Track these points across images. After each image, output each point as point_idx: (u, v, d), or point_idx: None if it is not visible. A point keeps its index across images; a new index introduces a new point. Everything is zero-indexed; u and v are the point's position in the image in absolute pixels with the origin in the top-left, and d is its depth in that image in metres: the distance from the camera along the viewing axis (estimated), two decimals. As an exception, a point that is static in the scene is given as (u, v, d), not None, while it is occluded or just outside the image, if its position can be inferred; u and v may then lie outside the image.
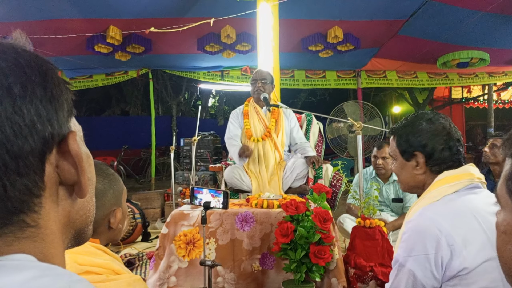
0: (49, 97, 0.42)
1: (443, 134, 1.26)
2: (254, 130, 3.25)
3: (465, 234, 1.08)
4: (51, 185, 0.43)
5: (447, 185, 1.20)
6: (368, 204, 2.29)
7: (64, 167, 0.43)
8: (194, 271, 2.34)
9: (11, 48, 0.42)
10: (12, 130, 0.38)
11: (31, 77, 0.41)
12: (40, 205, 0.41)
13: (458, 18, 4.78)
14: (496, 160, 2.94)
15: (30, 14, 4.26)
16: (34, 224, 0.41)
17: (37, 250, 0.41)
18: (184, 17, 4.51)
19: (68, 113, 0.46)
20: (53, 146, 0.42)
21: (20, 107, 0.39)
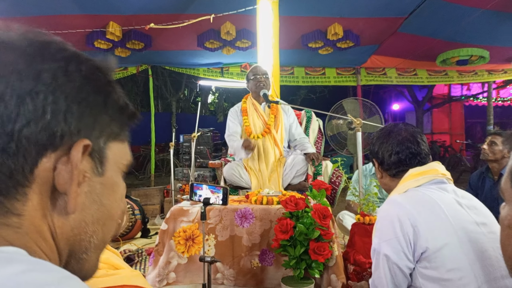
0: (80, 99, 0.41)
1: (392, 142, 1.40)
2: (254, 127, 3.25)
3: (427, 217, 1.18)
4: (42, 182, 0.40)
5: (412, 180, 1.31)
6: (368, 201, 2.30)
7: (61, 172, 0.41)
8: (193, 267, 2.34)
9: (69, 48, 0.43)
10: (17, 107, 0.37)
11: (71, 75, 0.41)
12: (25, 196, 0.39)
13: (458, 16, 4.77)
14: (494, 158, 2.94)
15: (29, 9, 4.25)
16: (17, 213, 0.39)
17: (20, 242, 0.39)
18: (184, 13, 4.50)
19: (104, 130, 0.44)
20: (60, 146, 0.40)
21: (37, 91, 0.39)
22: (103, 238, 0.48)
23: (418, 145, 1.39)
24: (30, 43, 0.41)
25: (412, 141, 1.39)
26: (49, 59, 0.41)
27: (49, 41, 0.43)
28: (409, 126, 1.46)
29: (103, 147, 0.45)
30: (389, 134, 1.43)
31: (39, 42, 0.42)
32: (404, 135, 1.41)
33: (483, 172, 3.14)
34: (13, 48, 0.40)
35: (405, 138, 1.40)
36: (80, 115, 0.41)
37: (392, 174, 1.41)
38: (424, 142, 1.41)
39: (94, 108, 0.43)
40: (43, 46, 0.42)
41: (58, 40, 0.44)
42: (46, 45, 0.42)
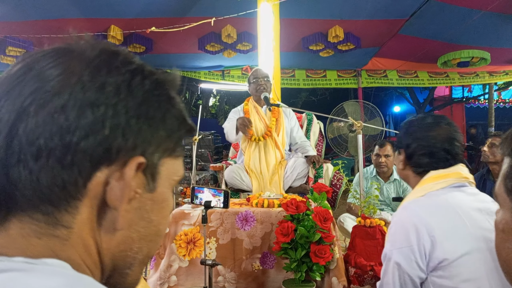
0: (139, 113, 0.40)
1: (429, 140, 1.29)
2: (255, 129, 3.25)
3: (446, 226, 1.12)
4: (93, 196, 0.40)
5: (433, 183, 1.24)
6: (369, 204, 2.30)
7: (113, 188, 0.40)
8: (194, 270, 2.34)
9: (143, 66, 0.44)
10: (77, 119, 0.37)
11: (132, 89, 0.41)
12: (76, 209, 0.39)
13: (458, 17, 4.78)
14: (495, 160, 2.94)
15: (31, 13, 4.27)
16: (66, 225, 0.39)
17: (66, 255, 0.38)
18: (185, 16, 4.52)
19: (161, 146, 0.43)
20: (114, 161, 0.39)
21: (99, 104, 0.38)
22: (148, 254, 0.47)
23: (456, 148, 1.29)
24: (97, 54, 0.41)
25: (452, 143, 1.29)
26: (114, 71, 0.40)
27: (116, 52, 0.43)
28: (451, 124, 1.34)
29: (157, 163, 0.43)
30: (429, 129, 1.31)
31: (106, 54, 0.42)
32: (445, 135, 1.29)
33: (484, 174, 3.14)
34: (81, 59, 0.40)
35: (445, 138, 1.29)
36: (138, 131, 0.40)
37: (418, 172, 1.32)
38: (461, 144, 1.32)
39: (152, 124, 0.42)
40: (110, 58, 0.41)
41: (125, 52, 0.44)
42: (113, 56, 0.42)
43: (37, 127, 0.36)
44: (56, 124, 0.36)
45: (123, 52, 0.44)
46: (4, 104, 0.37)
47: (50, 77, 0.38)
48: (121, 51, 0.43)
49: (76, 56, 0.40)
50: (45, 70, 0.38)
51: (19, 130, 0.36)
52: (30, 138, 0.36)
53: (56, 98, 0.37)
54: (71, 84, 0.38)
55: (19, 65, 0.40)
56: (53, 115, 0.36)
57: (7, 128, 0.37)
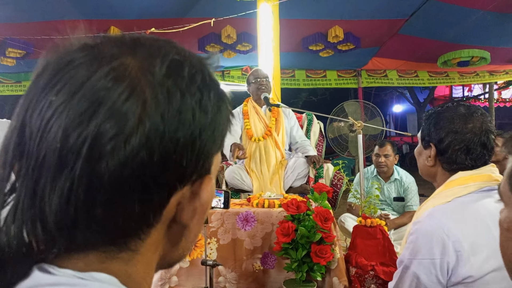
0: (209, 135, 0.38)
1: (466, 134, 1.16)
2: (255, 130, 3.25)
3: (474, 240, 1.03)
4: (166, 219, 0.39)
5: (461, 186, 1.14)
6: (369, 203, 2.30)
7: (185, 208, 0.39)
8: (195, 270, 2.34)
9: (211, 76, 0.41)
10: (159, 155, 0.35)
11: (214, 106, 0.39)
12: (149, 234, 0.38)
13: (458, 17, 4.78)
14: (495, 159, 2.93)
15: (31, 15, 4.28)
16: (134, 249, 0.38)
17: (125, 272, 0.37)
18: (184, 17, 4.52)
19: (218, 148, 0.42)
20: (188, 182, 0.38)
21: (178, 136, 0.36)
22: (194, 241, 0.48)
23: (492, 143, 1.18)
24: (167, 74, 0.37)
25: (488, 136, 1.17)
26: (186, 93, 0.37)
27: (181, 65, 0.39)
28: (484, 114, 1.20)
29: (212, 162, 0.42)
30: (465, 122, 1.16)
31: (174, 70, 0.38)
32: (483, 128, 1.16)
33: (485, 173, 3.14)
34: (151, 82, 0.36)
35: (482, 131, 1.16)
36: (208, 151, 0.39)
37: (449, 168, 1.19)
38: (495, 136, 1.21)
39: (216, 140, 0.40)
40: (179, 75, 0.38)
41: (188, 61, 0.39)
42: (180, 73, 0.38)
43: (119, 167, 0.34)
44: (139, 164, 0.34)
45: (185, 60, 0.40)
46: (79, 141, 0.33)
47: (129, 115, 0.34)
48: (184, 60, 0.39)
49: (144, 78, 0.36)
50: (120, 106, 0.34)
51: (100, 172, 0.33)
52: (112, 181, 0.34)
53: (137, 135, 0.34)
54: (150, 118, 0.34)
55: (73, 87, 0.35)
56: (135, 156, 0.34)
57: (88, 171, 0.33)
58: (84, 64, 0.36)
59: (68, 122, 0.33)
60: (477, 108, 1.21)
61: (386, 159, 3.31)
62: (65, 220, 0.34)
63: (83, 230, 0.35)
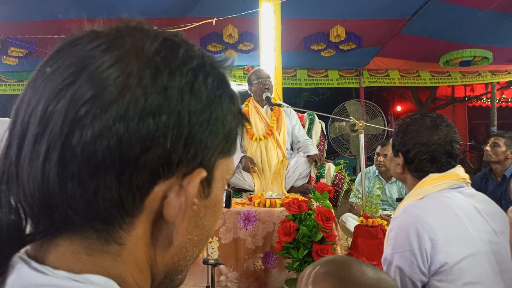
0: (202, 120, 0.36)
1: (432, 145, 1.23)
2: (256, 129, 3.26)
3: (446, 229, 1.11)
4: (150, 212, 0.36)
5: (431, 185, 1.22)
6: (371, 203, 2.30)
7: (172, 202, 0.36)
8: (197, 269, 2.35)
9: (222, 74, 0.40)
10: (138, 130, 0.33)
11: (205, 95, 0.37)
12: (131, 225, 0.36)
13: (460, 17, 4.77)
14: (497, 159, 2.94)
15: (33, 14, 4.28)
16: (120, 242, 0.36)
17: (116, 271, 0.36)
18: (186, 16, 4.53)
19: (221, 147, 0.39)
20: (174, 173, 0.36)
21: (161, 112, 0.34)
22: (197, 256, 0.44)
23: (457, 150, 1.25)
24: (157, 49, 0.36)
25: (453, 146, 1.24)
26: (176, 72, 0.35)
27: (177, 45, 0.37)
28: (450, 125, 1.28)
29: (213, 168, 0.39)
30: (430, 134, 1.24)
31: (167, 48, 0.37)
32: (447, 138, 1.24)
33: (486, 173, 3.13)
34: (139, 55, 0.35)
35: (447, 142, 1.24)
36: (200, 139, 0.36)
37: (417, 176, 1.27)
38: (460, 145, 1.28)
39: (214, 129, 0.37)
40: (171, 54, 0.36)
41: (185, 43, 0.38)
42: (174, 52, 0.37)
43: (93, 140, 0.32)
44: (115, 137, 0.32)
45: (184, 43, 0.38)
46: (55, 112, 0.32)
47: (108, 82, 0.33)
48: (182, 43, 0.38)
49: (133, 52, 0.35)
50: (101, 71, 0.33)
51: (72, 143, 0.32)
52: (85, 152, 0.32)
53: (115, 106, 0.32)
54: (130, 90, 0.33)
55: (66, 60, 0.35)
56: (111, 127, 0.32)
57: (60, 142, 0.32)
58: (84, 43, 0.36)
59: (51, 88, 0.33)
60: (443, 120, 1.29)
61: (385, 158, 3.32)
62: (41, 194, 0.33)
63: (59, 207, 0.33)
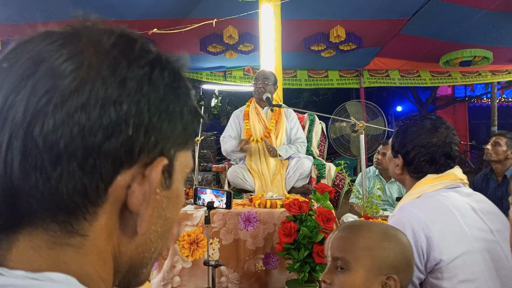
0: (161, 110, 0.37)
1: (431, 147, 1.25)
2: (254, 131, 3.26)
3: (442, 227, 1.12)
4: (114, 201, 0.37)
5: (429, 185, 1.24)
6: (371, 204, 2.30)
7: (135, 190, 0.37)
8: (198, 271, 2.35)
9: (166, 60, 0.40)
10: (100, 119, 0.34)
11: (156, 82, 0.38)
12: (95, 215, 0.36)
13: (461, 17, 4.77)
14: (497, 158, 2.93)
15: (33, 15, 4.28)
16: (83, 233, 0.36)
17: (78, 265, 0.36)
18: (186, 18, 4.53)
19: (179, 140, 0.40)
20: (136, 162, 0.37)
21: (121, 102, 0.35)
22: (161, 251, 0.45)
23: (456, 152, 1.27)
24: (114, 43, 0.37)
25: (451, 147, 1.26)
26: (134, 64, 0.37)
27: (133, 40, 0.39)
28: (449, 127, 1.29)
29: (173, 159, 0.41)
30: (429, 136, 1.26)
31: (123, 42, 0.38)
32: (446, 140, 1.25)
33: (487, 173, 3.13)
34: (97, 49, 0.36)
35: (446, 144, 1.25)
36: (159, 128, 0.37)
37: (416, 177, 1.29)
38: (458, 146, 1.30)
39: (172, 120, 0.39)
40: (128, 47, 0.38)
41: (141, 39, 0.40)
42: (131, 45, 0.38)
43: (55, 128, 0.33)
44: (77, 125, 0.33)
45: (140, 39, 0.40)
46: (15, 103, 0.33)
47: (66, 72, 0.34)
48: (138, 38, 0.40)
49: (91, 45, 0.36)
50: (58, 64, 0.34)
51: (34, 132, 0.32)
52: (48, 141, 0.33)
53: (75, 96, 0.33)
54: (90, 80, 0.34)
55: (24, 55, 0.36)
56: (73, 115, 0.33)
57: (22, 131, 0.33)
58: (39, 40, 0.37)
59: (11, 80, 0.34)
60: (442, 122, 1.30)
61: (383, 157, 3.32)
62: (4, 184, 0.33)
63: (22, 197, 0.34)
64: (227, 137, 3.39)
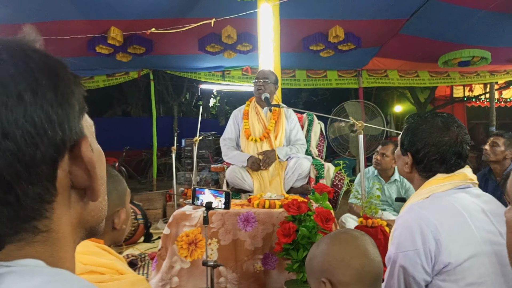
0: (60, 101, 0.41)
1: (442, 146, 1.22)
2: (253, 130, 3.26)
3: (450, 229, 1.09)
4: (63, 190, 0.42)
5: (438, 185, 1.21)
6: (370, 204, 2.29)
7: (77, 172, 0.43)
8: (196, 271, 2.34)
9: (21, 51, 0.41)
10: (23, 139, 0.37)
11: (42, 82, 0.40)
12: (52, 210, 0.41)
13: (459, 17, 4.77)
14: (496, 159, 2.93)
15: (31, 15, 4.27)
16: (46, 229, 0.41)
17: (47, 253, 0.40)
18: (185, 17, 4.52)
19: (80, 112, 0.45)
20: (65, 151, 0.41)
21: (31, 115, 0.38)
22: (106, 203, 0.51)
23: (467, 151, 1.24)
24: None
25: (463, 146, 1.23)
26: (19, 76, 0.39)
27: (11, 51, 0.40)
28: (461, 126, 1.26)
29: (82, 129, 0.45)
30: (440, 135, 1.23)
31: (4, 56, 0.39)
32: (457, 139, 1.23)
33: (485, 173, 3.13)
34: None
35: (457, 143, 1.22)
36: (67, 116, 0.41)
37: (425, 176, 1.26)
38: (469, 145, 1.27)
39: (71, 102, 0.43)
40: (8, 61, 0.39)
41: (16, 46, 0.41)
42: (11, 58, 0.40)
43: None
44: (8, 153, 0.36)
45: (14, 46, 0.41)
46: None
47: None
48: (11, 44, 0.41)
49: None
50: None
51: None
52: None
53: None
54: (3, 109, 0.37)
55: None
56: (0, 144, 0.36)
57: None
58: None
59: None
60: (454, 121, 1.26)
61: (382, 158, 3.32)
62: None
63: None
64: (228, 140, 3.37)
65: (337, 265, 0.93)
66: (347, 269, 0.92)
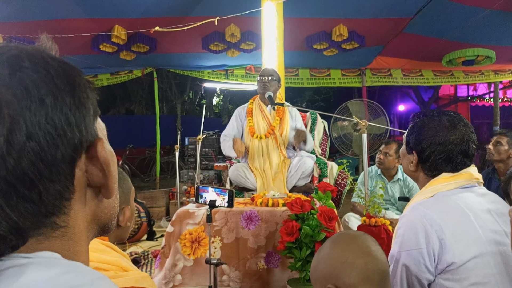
0: (77, 104, 0.44)
1: (448, 145, 1.20)
2: (258, 128, 3.26)
3: (455, 229, 1.09)
4: (80, 188, 0.45)
5: (443, 184, 1.20)
6: (373, 203, 2.29)
7: (93, 171, 0.46)
8: (199, 269, 2.35)
9: (41, 58, 0.43)
10: (45, 140, 0.40)
11: (61, 87, 0.43)
12: (70, 207, 0.44)
13: (464, 16, 4.75)
14: (499, 158, 2.92)
15: (36, 14, 4.29)
16: (64, 225, 0.44)
17: (65, 247, 0.44)
18: (188, 16, 4.52)
19: (94, 115, 0.48)
20: (82, 151, 0.44)
21: (52, 117, 0.41)
22: (118, 201, 0.55)
23: (473, 150, 1.23)
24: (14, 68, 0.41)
25: (469, 145, 1.21)
26: (41, 82, 0.41)
27: (32, 59, 0.43)
28: (467, 125, 1.24)
29: (97, 131, 0.48)
30: (447, 133, 1.21)
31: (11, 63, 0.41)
32: (463, 137, 1.21)
33: (489, 173, 3.12)
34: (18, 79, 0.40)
35: (464, 142, 1.21)
36: (83, 118, 0.44)
37: (431, 174, 1.24)
38: (476, 144, 1.25)
39: (87, 105, 0.46)
40: (30, 68, 0.42)
41: (36, 54, 0.43)
42: (33, 65, 0.42)
43: (17, 163, 0.38)
44: (32, 153, 0.39)
45: (32, 53, 0.43)
46: None
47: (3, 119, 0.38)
48: (27, 52, 0.43)
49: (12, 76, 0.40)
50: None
51: (1, 172, 0.38)
52: (17, 173, 0.38)
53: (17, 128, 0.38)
54: (22, 113, 0.39)
55: None
56: (24, 146, 0.38)
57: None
58: None
59: None
60: (461, 119, 1.24)
61: (385, 157, 3.31)
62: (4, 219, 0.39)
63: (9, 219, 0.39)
64: (227, 136, 3.39)
65: (341, 267, 0.92)
66: (352, 270, 0.91)
